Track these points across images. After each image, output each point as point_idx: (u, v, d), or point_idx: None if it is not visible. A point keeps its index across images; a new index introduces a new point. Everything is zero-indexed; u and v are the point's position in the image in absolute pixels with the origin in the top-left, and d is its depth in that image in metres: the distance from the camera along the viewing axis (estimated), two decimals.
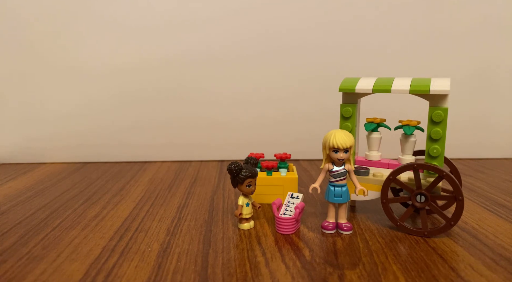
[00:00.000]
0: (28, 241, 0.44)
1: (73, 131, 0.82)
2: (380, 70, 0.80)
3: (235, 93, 0.83)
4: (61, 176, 0.72)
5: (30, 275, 0.37)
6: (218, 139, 0.85)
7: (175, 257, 0.40)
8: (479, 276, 0.36)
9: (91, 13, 0.79)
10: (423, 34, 0.80)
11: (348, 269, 0.38)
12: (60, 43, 0.79)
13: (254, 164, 0.48)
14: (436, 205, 0.47)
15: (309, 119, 0.84)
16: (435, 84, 0.46)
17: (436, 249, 0.42)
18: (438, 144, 0.46)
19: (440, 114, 0.45)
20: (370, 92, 0.49)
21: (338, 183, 0.45)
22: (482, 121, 0.85)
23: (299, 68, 0.82)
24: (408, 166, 0.45)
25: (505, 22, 0.80)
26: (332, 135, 0.43)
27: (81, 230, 0.47)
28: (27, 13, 0.78)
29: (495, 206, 0.55)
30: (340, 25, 0.80)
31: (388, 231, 0.46)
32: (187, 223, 0.50)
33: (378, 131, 0.52)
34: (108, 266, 0.39)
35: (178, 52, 0.81)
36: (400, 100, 0.77)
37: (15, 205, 0.56)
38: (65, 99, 0.82)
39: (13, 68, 0.80)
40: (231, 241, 0.44)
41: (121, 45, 0.80)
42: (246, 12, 0.80)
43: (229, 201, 0.58)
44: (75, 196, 0.60)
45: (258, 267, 0.38)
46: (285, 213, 0.47)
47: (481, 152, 0.86)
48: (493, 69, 0.82)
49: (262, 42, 0.81)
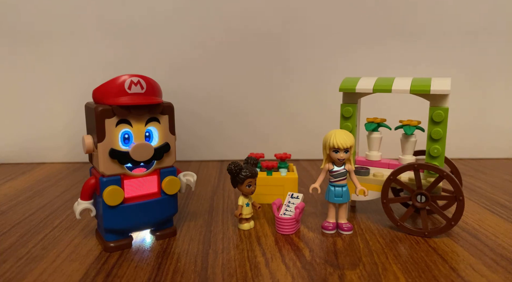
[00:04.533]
0: (28, 241, 0.44)
1: (73, 131, 0.82)
2: (380, 70, 0.80)
3: (235, 93, 0.83)
4: (60, 176, 0.72)
5: (30, 275, 0.37)
6: (218, 139, 0.85)
7: (175, 257, 0.40)
8: (479, 277, 0.36)
9: (91, 14, 0.78)
10: (423, 34, 0.80)
11: (348, 269, 0.38)
12: (60, 43, 0.79)
13: (254, 164, 0.47)
14: (437, 205, 0.47)
15: (309, 119, 0.84)
16: (436, 84, 0.46)
17: (437, 249, 0.42)
18: (438, 144, 0.46)
19: (440, 114, 0.45)
20: (370, 92, 0.49)
21: (339, 183, 0.45)
22: (483, 121, 0.85)
23: (299, 68, 0.82)
24: (409, 166, 0.45)
25: (505, 22, 0.80)
26: (332, 135, 0.43)
27: (81, 230, 0.47)
28: (25, 11, 0.78)
29: (495, 206, 0.55)
30: (340, 24, 0.80)
31: (389, 231, 0.46)
32: (187, 223, 0.50)
33: (378, 131, 0.52)
34: (108, 266, 0.39)
35: (178, 51, 0.81)
36: (401, 100, 0.77)
37: (14, 205, 0.56)
38: (65, 99, 0.82)
39: (12, 68, 0.80)
40: (231, 241, 0.44)
41: (121, 45, 0.80)
42: (248, 11, 0.79)
43: (229, 201, 0.58)
44: (75, 196, 0.60)
45: (258, 267, 0.38)
46: (285, 213, 0.47)
47: (482, 152, 0.86)
48: (493, 69, 0.82)
49: (261, 42, 0.81)
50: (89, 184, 0.41)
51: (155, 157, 0.42)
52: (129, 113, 0.40)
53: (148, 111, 0.41)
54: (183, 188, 0.46)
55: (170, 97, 0.83)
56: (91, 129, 0.42)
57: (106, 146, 0.40)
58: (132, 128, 0.41)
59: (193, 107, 0.83)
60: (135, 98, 0.40)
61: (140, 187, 0.43)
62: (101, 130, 0.39)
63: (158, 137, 0.43)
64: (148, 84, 0.41)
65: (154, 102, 0.41)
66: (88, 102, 0.43)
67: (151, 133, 0.43)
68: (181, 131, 0.84)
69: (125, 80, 0.40)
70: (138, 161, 0.41)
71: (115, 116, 0.40)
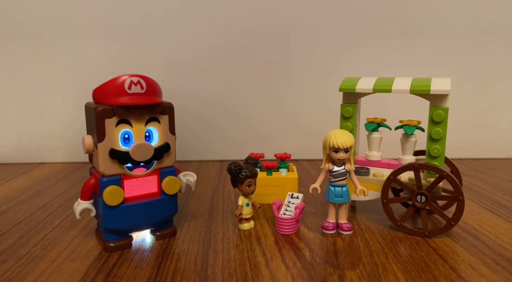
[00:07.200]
0: (28, 241, 0.44)
1: (73, 131, 0.82)
2: (380, 70, 0.80)
3: (235, 93, 0.83)
4: (60, 176, 0.72)
5: (30, 275, 0.37)
6: (218, 139, 0.85)
7: (175, 257, 0.40)
8: (479, 277, 0.36)
9: (91, 14, 0.78)
10: (423, 34, 0.80)
11: (348, 269, 0.38)
12: (60, 43, 0.79)
13: (254, 164, 0.47)
14: (437, 205, 0.47)
15: (309, 119, 0.84)
16: (436, 84, 0.46)
17: (437, 249, 0.42)
18: (438, 144, 0.46)
19: (440, 114, 0.45)
20: (370, 92, 0.49)
21: (339, 183, 0.45)
22: (483, 121, 0.85)
23: (299, 68, 0.82)
24: (409, 166, 0.45)
25: (505, 22, 0.80)
26: (332, 135, 0.43)
27: (81, 230, 0.47)
28: (25, 12, 0.78)
29: (495, 206, 0.55)
30: (340, 25, 0.80)
31: (389, 231, 0.46)
32: (187, 223, 0.50)
33: (378, 131, 0.52)
34: (108, 266, 0.39)
35: (178, 51, 0.81)
36: (401, 100, 0.77)
37: (14, 205, 0.56)
38: (65, 99, 0.82)
39: (12, 68, 0.80)
40: (231, 241, 0.44)
41: (121, 46, 0.80)
42: (248, 11, 0.79)
43: (229, 201, 0.58)
44: (75, 196, 0.60)
45: (258, 267, 0.38)
46: (285, 213, 0.47)
47: (482, 152, 0.86)
48: (493, 69, 0.82)
49: (261, 42, 0.81)
50: (89, 184, 0.41)
51: (155, 157, 0.42)
52: (129, 113, 0.40)
53: (148, 111, 0.41)
54: (183, 188, 0.46)
55: (170, 97, 0.83)
56: (91, 129, 0.42)
57: (106, 146, 0.40)
58: (132, 128, 0.41)
59: (193, 107, 0.83)
60: (135, 98, 0.40)
61: (140, 187, 0.43)
62: (101, 130, 0.39)
63: (158, 137, 0.43)
64: (148, 84, 0.41)
65: (154, 102, 0.41)
66: (88, 102, 0.43)
67: (151, 133, 0.43)
68: (181, 131, 0.84)
69: (125, 80, 0.40)
70: (138, 161, 0.41)
71: (115, 116, 0.40)
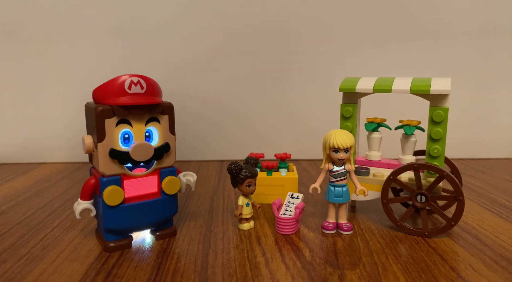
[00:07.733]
0: (28, 241, 0.44)
1: (73, 131, 0.82)
2: (381, 70, 0.80)
3: (236, 93, 0.83)
4: (60, 176, 0.72)
5: (30, 275, 0.37)
6: (218, 139, 0.85)
7: (175, 257, 0.40)
8: (479, 276, 0.36)
9: (92, 14, 0.78)
10: (423, 34, 0.80)
11: (348, 269, 0.38)
12: (60, 43, 0.79)
13: (254, 164, 0.47)
14: (437, 205, 0.47)
15: (309, 119, 0.84)
16: (436, 84, 0.46)
17: (437, 249, 0.42)
18: (438, 144, 0.46)
19: (440, 114, 0.45)
20: (370, 92, 0.49)
21: (339, 183, 0.45)
22: (483, 121, 0.85)
23: (299, 68, 0.82)
24: (409, 166, 0.45)
25: (505, 22, 0.80)
26: (332, 135, 0.43)
27: (81, 230, 0.47)
28: (26, 12, 0.78)
29: (495, 206, 0.55)
30: (340, 25, 0.80)
31: (389, 231, 0.46)
32: (187, 223, 0.50)
33: (378, 131, 0.52)
34: (108, 266, 0.39)
35: (178, 51, 0.81)
36: (401, 100, 0.77)
37: (14, 205, 0.56)
38: (65, 99, 0.82)
39: (13, 68, 0.80)
40: (231, 241, 0.44)
41: (122, 46, 0.80)
42: (248, 11, 0.79)
43: (229, 201, 0.58)
44: (75, 196, 0.60)
45: (258, 267, 0.38)
46: (285, 213, 0.47)
47: (482, 152, 0.86)
48: (493, 69, 0.82)
49: (261, 42, 0.81)
50: (89, 184, 0.41)
51: (155, 157, 0.42)
52: (129, 113, 0.40)
53: (148, 111, 0.41)
54: (183, 188, 0.46)
55: (170, 97, 0.83)
56: (91, 129, 0.42)
57: (106, 146, 0.40)
58: (132, 128, 0.41)
59: (193, 107, 0.83)
60: (135, 98, 0.40)
61: (140, 187, 0.43)
62: (101, 130, 0.39)
63: (158, 137, 0.43)
64: (148, 84, 0.41)
65: (154, 102, 0.41)
66: (88, 102, 0.43)
67: (151, 133, 0.43)
68: (181, 131, 0.84)
69: (125, 80, 0.40)
70: (138, 161, 0.41)
71: (115, 116, 0.40)
